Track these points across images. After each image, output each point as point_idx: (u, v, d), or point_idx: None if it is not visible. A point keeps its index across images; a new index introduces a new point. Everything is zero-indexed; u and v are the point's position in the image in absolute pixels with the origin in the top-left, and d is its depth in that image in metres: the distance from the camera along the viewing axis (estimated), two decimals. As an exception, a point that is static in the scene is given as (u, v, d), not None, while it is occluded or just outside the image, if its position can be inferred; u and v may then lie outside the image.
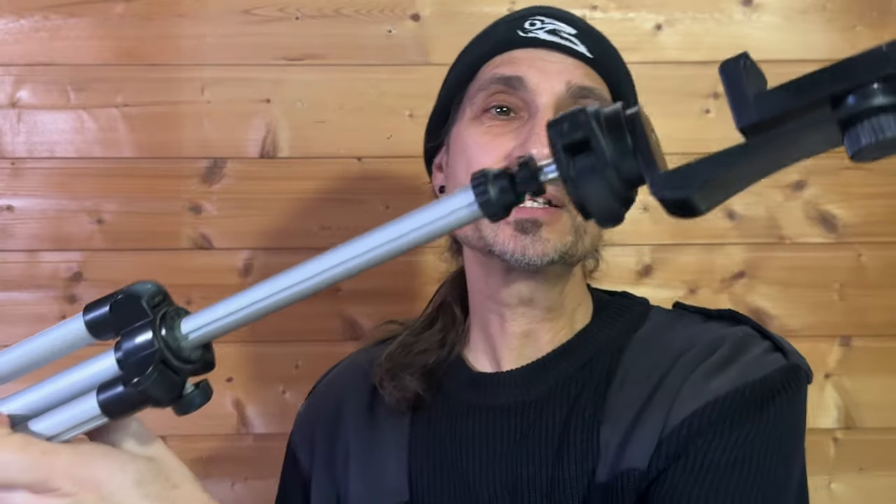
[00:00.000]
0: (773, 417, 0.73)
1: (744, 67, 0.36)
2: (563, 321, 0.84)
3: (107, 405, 0.44)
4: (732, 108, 0.36)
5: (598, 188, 0.38)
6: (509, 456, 0.79)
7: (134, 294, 0.44)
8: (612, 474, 0.74)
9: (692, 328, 0.82)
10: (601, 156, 0.38)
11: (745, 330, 0.81)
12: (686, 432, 0.72)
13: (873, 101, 0.34)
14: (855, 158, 0.35)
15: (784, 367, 0.75)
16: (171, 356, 0.43)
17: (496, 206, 0.40)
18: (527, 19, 0.85)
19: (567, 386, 0.80)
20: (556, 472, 0.76)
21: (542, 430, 0.79)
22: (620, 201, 0.38)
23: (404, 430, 0.85)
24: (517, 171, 0.40)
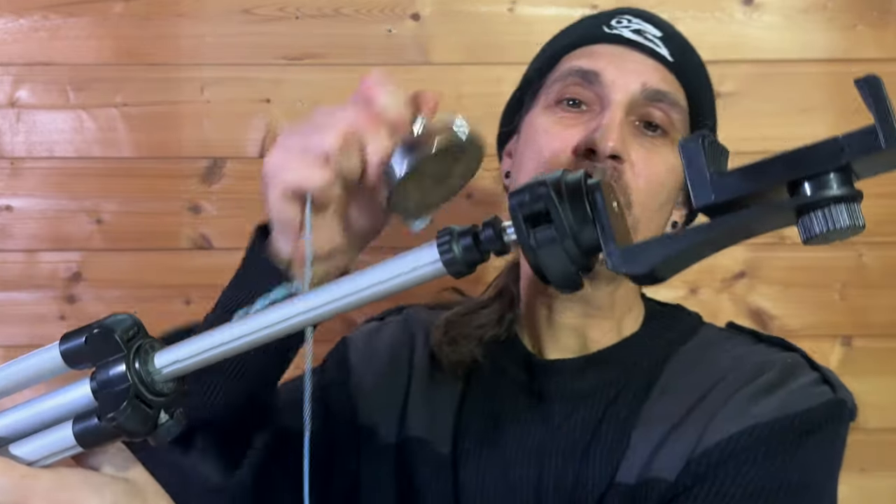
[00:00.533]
0: (809, 451, 0.72)
1: (703, 146, 0.37)
2: (611, 323, 0.84)
3: (82, 436, 0.45)
4: (691, 188, 0.37)
5: (556, 258, 0.39)
6: (543, 443, 0.80)
7: (108, 327, 0.45)
8: (637, 481, 0.74)
9: (741, 349, 0.82)
10: (560, 228, 0.39)
11: (794, 357, 0.80)
12: (720, 454, 0.71)
13: (828, 192, 0.35)
14: (807, 244, 0.37)
15: (829, 401, 0.75)
16: (144, 390, 0.44)
17: (460, 264, 0.41)
18: (614, 17, 0.85)
19: (607, 387, 0.81)
20: (583, 467, 0.77)
21: (577, 424, 0.79)
22: (578, 269, 0.40)
23: (455, 395, 0.85)
24: (481, 230, 0.41)
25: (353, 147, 0.56)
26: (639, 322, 0.86)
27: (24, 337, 1.25)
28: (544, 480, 0.78)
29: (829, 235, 0.36)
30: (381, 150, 0.56)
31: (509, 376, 0.84)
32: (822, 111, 1.25)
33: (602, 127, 0.76)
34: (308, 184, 0.56)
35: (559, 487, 0.78)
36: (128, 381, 0.44)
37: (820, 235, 0.36)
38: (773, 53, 1.25)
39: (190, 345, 0.45)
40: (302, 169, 0.56)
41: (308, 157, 0.56)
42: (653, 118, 0.80)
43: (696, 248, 0.38)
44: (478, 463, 0.81)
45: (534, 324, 0.86)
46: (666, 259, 0.38)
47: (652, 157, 0.79)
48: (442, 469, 0.81)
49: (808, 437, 0.72)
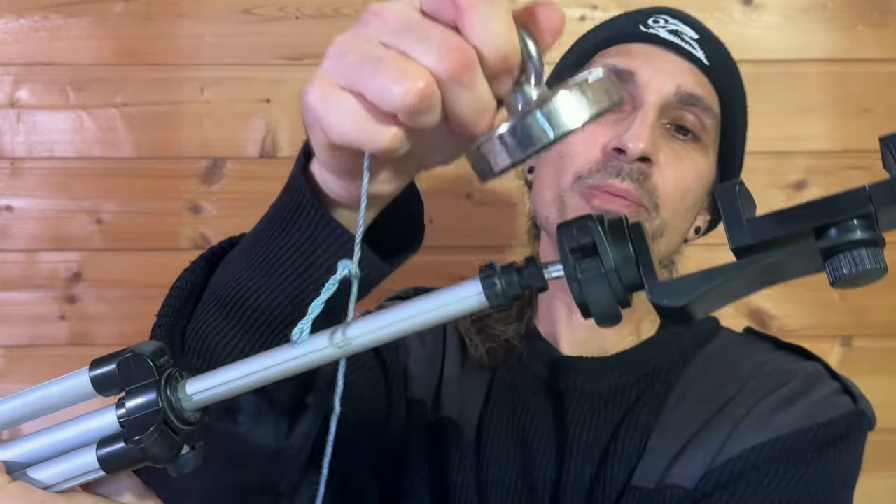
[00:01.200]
0: (830, 463, 0.72)
1: (739, 193, 0.40)
2: (631, 327, 0.84)
3: (106, 460, 0.45)
4: (727, 230, 0.40)
5: (600, 291, 0.41)
6: (563, 442, 0.80)
7: (140, 353, 0.46)
8: (655, 486, 0.74)
9: (761, 355, 0.82)
10: (606, 261, 0.41)
11: (815, 367, 0.80)
12: (742, 465, 0.72)
13: (853, 236, 0.38)
14: (835, 286, 0.39)
15: (850, 412, 0.75)
16: (172, 417, 0.45)
17: (502, 298, 0.42)
18: (651, 16, 0.84)
19: (627, 391, 0.81)
20: (601, 469, 0.77)
21: (597, 425, 0.79)
22: (620, 304, 0.41)
23: (483, 385, 0.85)
24: (524, 266, 0.42)
25: (436, 102, 0.39)
26: (656, 325, 0.86)
27: (25, 337, 1.25)
28: (563, 480, 0.78)
29: (856, 278, 0.39)
30: (478, 111, 0.40)
31: (532, 372, 0.84)
32: (822, 111, 1.25)
33: (633, 127, 0.75)
34: (369, 146, 0.41)
35: (577, 487, 0.78)
36: (158, 405, 0.44)
37: (846, 277, 0.38)
38: (773, 53, 1.25)
39: (221, 374, 0.45)
40: (360, 124, 0.40)
41: (369, 110, 0.40)
42: (685, 122, 0.79)
43: (732, 285, 0.40)
44: (501, 457, 0.81)
45: (552, 321, 0.86)
46: (703, 293, 0.40)
47: (681, 161, 0.79)
48: (469, 458, 0.81)
49: (829, 449, 0.72)
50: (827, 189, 1.26)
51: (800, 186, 1.26)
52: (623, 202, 0.76)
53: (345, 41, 0.41)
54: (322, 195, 0.52)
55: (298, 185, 0.53)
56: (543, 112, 0.39)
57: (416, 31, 0.39)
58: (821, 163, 1.25)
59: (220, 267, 0.60)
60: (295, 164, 0.54)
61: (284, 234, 0.54)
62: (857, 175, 1.25)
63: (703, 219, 0.87)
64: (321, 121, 0.42)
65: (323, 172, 0.50)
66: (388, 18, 0.40)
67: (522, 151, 0.39)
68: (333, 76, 0.42)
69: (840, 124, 1.25)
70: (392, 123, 0.40)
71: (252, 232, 0.59)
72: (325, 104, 0.42)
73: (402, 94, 0.38)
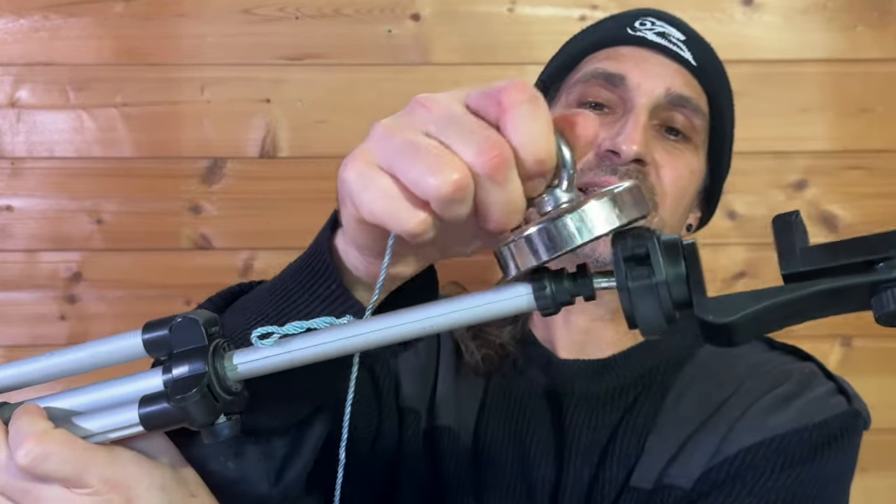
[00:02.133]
0: (825, 463, 0.73)
1: (794, 222, 0.41)
2: (627, 327, 0.84)
3: (147, 418, 0.48)
4: (780, 257, 0.41)
5: (650, 303, 0.42)
6: (561, 444, 0.80)
7: (194, 319, 0.48)
8: (653, 487, 0.75)
9: (756, 356, 0.83)
10: (659, 273, 0.41)
11: (810, 367, 0.81)
12: (738, 465, 0.72)
13: None
14: (880, 322, 0.40)
15: (845, 412, 0.76)
16: (216, 383, 0.47)
17: (549, 302, 0.43)
18: (637, 18, 0.85)
19: (625, 392, 0.81)
20: (599, 470, 0.78)
21: (595, 427, 0.80)
22: (667, 320, 0.42)
23: (479, 390, 0.85)
24: (576, 273, 0.43)
25: (468, 195, 0.40)
26: None
27: (25, 337, 1.25)
28: (562, 482, 0.79)
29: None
30: (508, 209, 0.41)
31: (529, 376, 0.84)
32: (821, 111, 1.25)
33: (626, 130, 0.76)
34: (397, 227, 0.41)
35: (575, 489, 0.78)
36: (204, 370, 0.46)
37: (891, 313, 0.39)
38: (773, 53, 1.25)
39: (268, 349, 0.47)
40: (392, 206, 0.41)
41: (402, 193, 0.41)
42: (675, 123, 0.80)
43: (777, 312, 0.40)
44: (498, 462, 0.81)
45: (549, 325, 0.86)
46: (748, 313, 0.40)
47: (675, 161, 0.79)
48: (465, 463, 0.81)
49: (825, 449, 0.73)
50: (827, 189, 1.26)
51: (800, 186, 1.26)
52: None
53: (389, 125, 0.43)
54: (343, 267, 0.53)
55: (322, 254, 0.54)
56: (573, 217, 0.40)
57: (459, 125, 0.41)
58: (821, 163, 1.25)
59: (230, 312, 0.60)
60: (320, 233, 0.55)
61: (302, 297, 0.55)
62: (856, 175, 1.26)
63: (693, 216, 0.88)
64: (354, 196, 0.43)
65: (347, 247, 0.51)
66: (433, 109, 0.42)
67: (548, 253, 0.41)
68: (373, 156, 0.42)
69: (840, 124, 1.25)
70: (423, 210, 0.41)
71: (270, 286, 0.60)
72: (360, 181, 0.42)
73: (438, 184, 0.39)
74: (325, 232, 0.55)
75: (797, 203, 1.27)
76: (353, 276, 0.53)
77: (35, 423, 0.48)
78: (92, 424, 0.49)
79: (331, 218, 0.55)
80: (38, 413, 0.49)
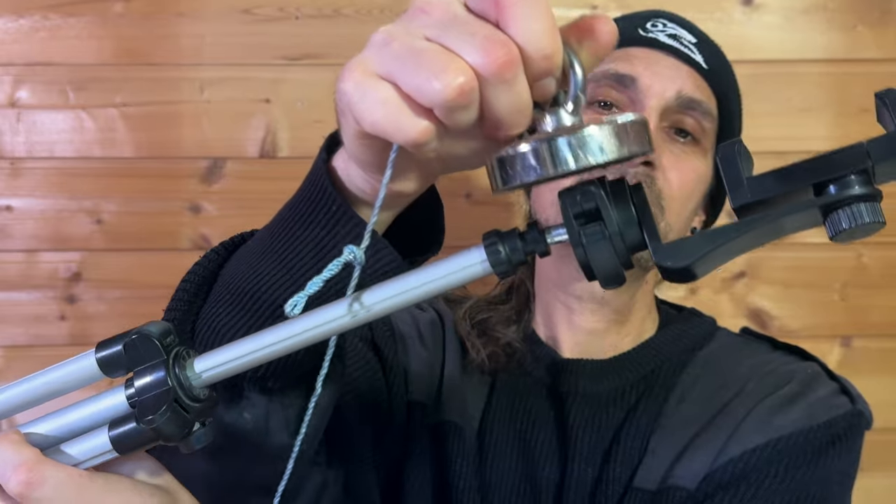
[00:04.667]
0: (829, 463, 0.73)
1: (738, 152, 0.41)
2: (630, 327, 0.84)
3: (118, 441, 0.46)
4: (728, 190, 0.40)
5: (605, 254, 0.41)
6: (565, 445, 0.80)
7: (147, 333, 0.46)
8: (657, 488, 0.75)
9: (760, 356, 0.83)
10: (610, 225, 0.41)
11: (813, 367, 0.81)
12: (743, 466, 0.72)
13: (852, 191, 0.39)
14: (835, 240, 0.40)
15: (849, 412, 0.76)
16: (182, 395, 0.45)
17: (506, 265, 0.42)
18: (649, 20, 0.85)
19: (627, 393, 0.81)
20: (603, 470, 0.78)
21: (598, 427, 0.80)
22: (623, 265, 0.41)
23: (484, 389, 0.85)
24: (527, 231, 0.42)
25: (474, 99, 0.38)
26: (655, 326, 0.86)
27: (24, 337, 1.25)
28: (566, 482, 0.79)
29: (854, 232, 0.39)
30: (516, 111, 0.39)
31: (533, 376, 0.84)
32: (821, 111, 1.25)
33: None
34: (399, 137, 0.40)
35: (579, 489, 0.78)
36: (167, 384, 0.44)
37: (846, 231, 0.39)
38: (772, 53, 1.25)
39: (228, 350, 0.45)
40: (393, 114, 0.39)
41: (404, 101, 0.39)
42: (685, 125, 0.80)
43: (734, 244, 0.40)
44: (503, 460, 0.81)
45: (552, 324, 0.86)
46: (706, 254, 0.40)
47: (683, 164, 0.79)
48: (471, 461, 0.81)
49: (829, 449, 0.73)
50: (827, 189, 1.26)
51: (800, 186, 1.26)
52: None
53: (388, 32, 0.41)
54: (344, 191, 0.51)
55: (320, 179, 0.52)
56: (572, 140, 0.39)
57: (461, 26, 0.39)
58: (821, 163, 1.25)
59: (233, 260, 0.59)
60: (316, 159, 0.53)
61: (303, 228, 0.54)
62: (856, 175, 1.25)
63: (699, 219, 0.88)
64: (354, 107, 0.41)
65: (349, 165, 0.50)
66: (433, 13, 0.40)
67: (539, 173, 0.39)
68: (372, 64, 0.40)
69: (840, 124, 1.25)
70: (426, 117, 0.39)
71: (269, 226, 0.58)
72: (359, 91, 0.40)
73: (442, 89, 0.37)
74: (321, 155, 0.52)
75: (797, 203, 1.27)
76: (356, 198, 0.51)
77: (22, 451, 0.46)
78: (72, 450, 0.47)
79: (326, 142, 0.54)
80: (22, 440, 0.47)
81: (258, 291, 0.55)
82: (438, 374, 0.86)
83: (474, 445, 0.82)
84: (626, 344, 0.84)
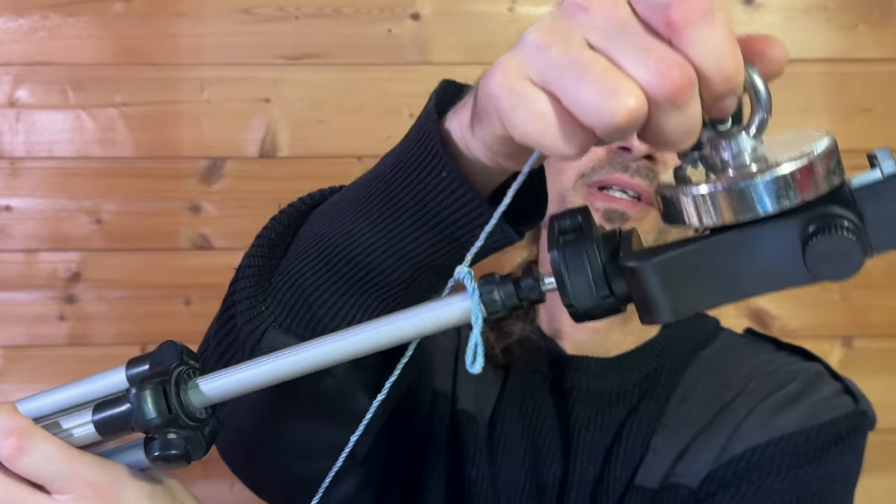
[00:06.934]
0: (831, 463, 0.73)
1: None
2: (633, 325, 0.84)
3: (102, 425, 0.46)
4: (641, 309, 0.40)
5: (581, 278, 0.40)
6: (568, 442, 0.80)
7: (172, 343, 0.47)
8: (659, 486, 0.75)
9: (762, 356, 0.83)
10: (591, 251, 0.40)
11: (816, 367, 0.81)
12: (744, 465, 0.72)
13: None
14: (808, 266, 0.36)
15: (851, 412, 0.76)
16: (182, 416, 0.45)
17: (501, 310, 0.42)
18: None
19: (630, 392, 0.81)
20: (605, 468, 0.78)
21: (601, 425, 0.80)
22: (597, 288, 0.40)
23: (497, 383, 0.85)
24: (522, 278, 0.42)
25: (642, 122, 0.35)
26: (657, 326, 0.86)
27: (24, 337, 1.25)
28: (569, 479, 0.79)
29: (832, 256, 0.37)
30: (685, 134, 0.36)
31: (540, 373, 0.84)
32: (821, 111, 1.25)
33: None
34: (552, 152, 0.37)
35: (582, 486, 0.78)
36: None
37: (823, 252, 0.36)
38: (773, 53, 1.25)
39: (228, 376, 0.46)
40: (549, 129, 0.36)
41: (562, 115, 0.36)
42: None
43: (704, 267, 0.38)
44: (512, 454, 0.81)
45: (556, 321, 0.86)
46: (664, 258, 0.38)
47: None
48: (483, 453, 0.81)
49: (831, 449, 0.73)
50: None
51: (800, 186, 1.26)
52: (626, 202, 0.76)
53: (544, 32, 0.37)
54: (458, 156, 0.48)
55: (431, 142, 0.48)
56: (767, 181, 0.35)
57: (631, 39, 0.35)
58: (821, 163, 1.25)
59: (319, 216, 0.57)
60: (425, 120, 0.49)
61: (406, 190, 0.50)
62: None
63: None
64: (503, 113, 0.38)
65: (471, 141, 0.46)
66: (596, 14, 0.36)
67: (722, 217, 0.36)
68: (528, 69, 0.37)
69: (840, 124, 1.25)
70: (584, 135, 0.36)
71: (362, 183, 0.54)
72: (513, 97, 0.37)
73: (610, 113, 0.34)
74: (430, 115, 0.48)
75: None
76: (468, 163, 0.47)
77: (15, 418, 0.46)
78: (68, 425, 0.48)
79: (435, 97, 0.50)
80: (15, 409, 0.47)
81: (351, 254, 0.53)
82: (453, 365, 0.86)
83: (485, 438, 0.82)
84: (630, 342, 0.84)
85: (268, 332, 0.55)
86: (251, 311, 0.57)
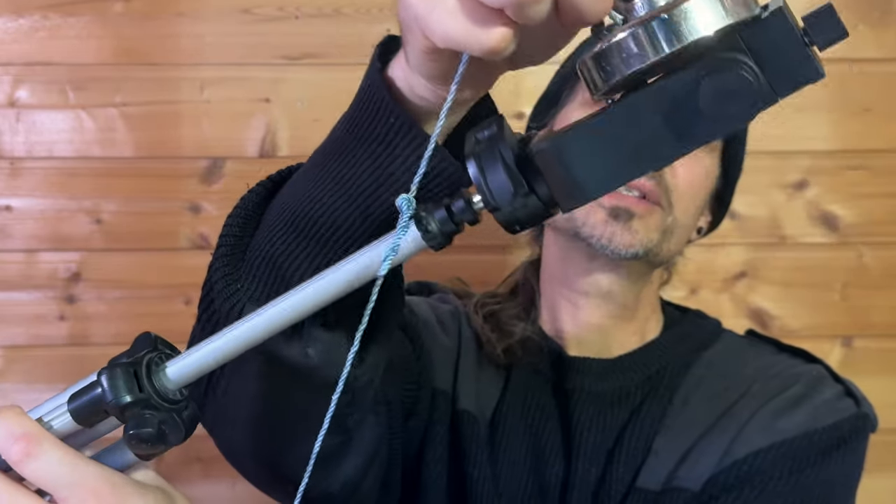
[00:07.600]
0: (833, 466, 0.73)
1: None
2: (635, 326, 0.84)
3: (77, 412, 0.46)
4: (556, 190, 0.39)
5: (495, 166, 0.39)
6: (570, 443, 0.80)
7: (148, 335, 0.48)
8: (661, 488, 0.75)
9: (764, 358, 0.83)
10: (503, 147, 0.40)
11: (818, 370, 0.81)
12: (747, 468, 0.73)
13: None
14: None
15: (854, 415, 0.76)
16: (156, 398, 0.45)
17: (439, 237, 0.41)
18: None
19: (632, 393, 0.81)
20: (607, 470, 0.78)
21: (603, 427, 0.80)
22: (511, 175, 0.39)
23: (499, 383, 0.84)
24: (452, 202, 0.42)
25: None
26: (660, 327, 0.86)
27: (24, 337, 1.25)
28: (570, 480, 0.79)
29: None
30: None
31: (542, 374, 0.84)
32: (822, 111, 1.25)
33: None
34: (475, 48, 0.37)
35: (583, 488, 0.78)
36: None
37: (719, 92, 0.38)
38: (773, 53, 1.24)
39: (197, 353, 0.45)
40: (466, 24, 0.37)
41: (474, 6, 0.36)
42: None
43: (610, 136, 0.38)
44: (514, 454, 0.81)
45: (558, 321, 0.86)
46: (560, 139, 0.39)
47: (691, 161, 0.79)
48: (484, 452, 0.81)
49: (833, 452, 0.73)
50: (827, 189, 1.26)
51: (800, 186, 1.26)
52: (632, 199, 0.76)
53: None
54: (404, 102, 0.48)
55: (377, 92, 0.49)
56: (673, 16, 0.35)
57: None
58: (821, 162, 1.25)
59: (285, 188, 0.57)
60: (369, 70, 0.50)
61: (360, 144, 0.51)
62: (857, 175, 1.25)
63: (704, 219, 0.88)
64: (421, 21, 0.38)
65: (410, 76, 0.47)
66: None
67: (642, 59, 0.36)
68: None
69: (840, 124, 1.25)
70: (499, 20, 0.36)
71: (321, 149, 0.56)
72: (425, 2, 0.38)
73: None
74: (374, 65, 0.49)
75: (798, 203, 1.26)
76: (416, 107, 0.48)
77: (24, 423, 0.45)
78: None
79: (377, 50, 0.50)
80: (24, 413, 0.46)
81: (314, 216, 0.54)
82: (454, 364, 0.86)
83: (487, 438, 0.82)
84: (632, 343, 0.84)
85: (245, 307, 0.56)
86: (228, 290, 0.58)
